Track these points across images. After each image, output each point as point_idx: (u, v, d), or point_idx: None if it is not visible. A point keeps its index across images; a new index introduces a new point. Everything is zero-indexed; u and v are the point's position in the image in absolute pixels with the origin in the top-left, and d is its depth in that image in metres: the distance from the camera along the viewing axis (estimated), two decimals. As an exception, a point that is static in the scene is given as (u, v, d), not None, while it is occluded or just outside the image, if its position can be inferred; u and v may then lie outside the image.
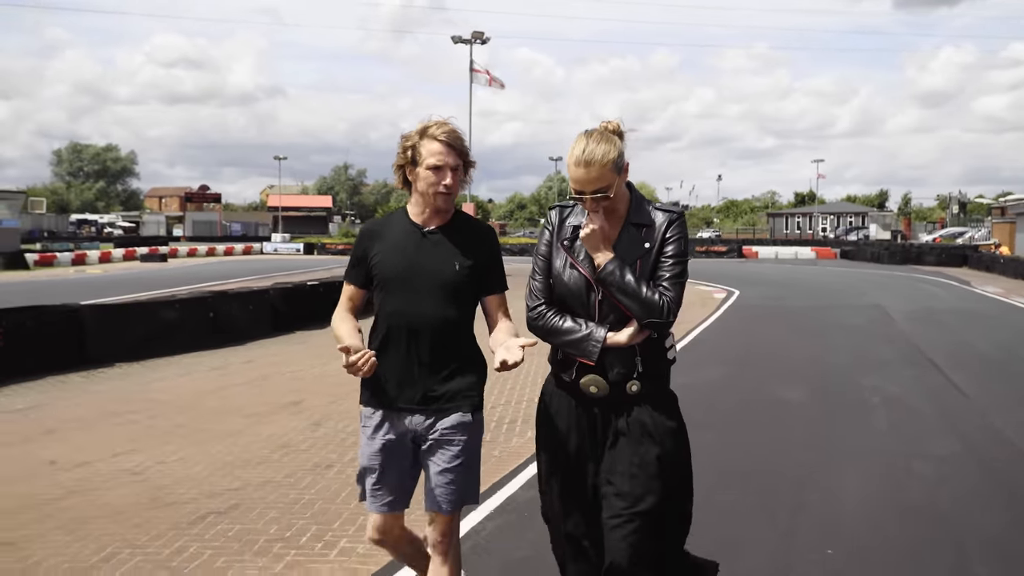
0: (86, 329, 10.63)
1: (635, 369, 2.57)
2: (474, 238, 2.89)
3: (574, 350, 2.58)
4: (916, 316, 16.14)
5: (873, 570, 4.09)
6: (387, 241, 2.87)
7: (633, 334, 2.55)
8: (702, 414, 7.04)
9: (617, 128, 2.61)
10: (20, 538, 4.53)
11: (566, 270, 2.64)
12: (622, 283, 2.52)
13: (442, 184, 2.76)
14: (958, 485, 5.49)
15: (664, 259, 2.59)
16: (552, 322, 2.63)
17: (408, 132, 2.84)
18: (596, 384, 2.59)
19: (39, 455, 6.34)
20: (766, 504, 5.08)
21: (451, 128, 2.81)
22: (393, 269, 2.83)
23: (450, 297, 2.81)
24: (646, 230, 2.61)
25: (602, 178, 2.51)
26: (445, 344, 2.81)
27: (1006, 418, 7.39)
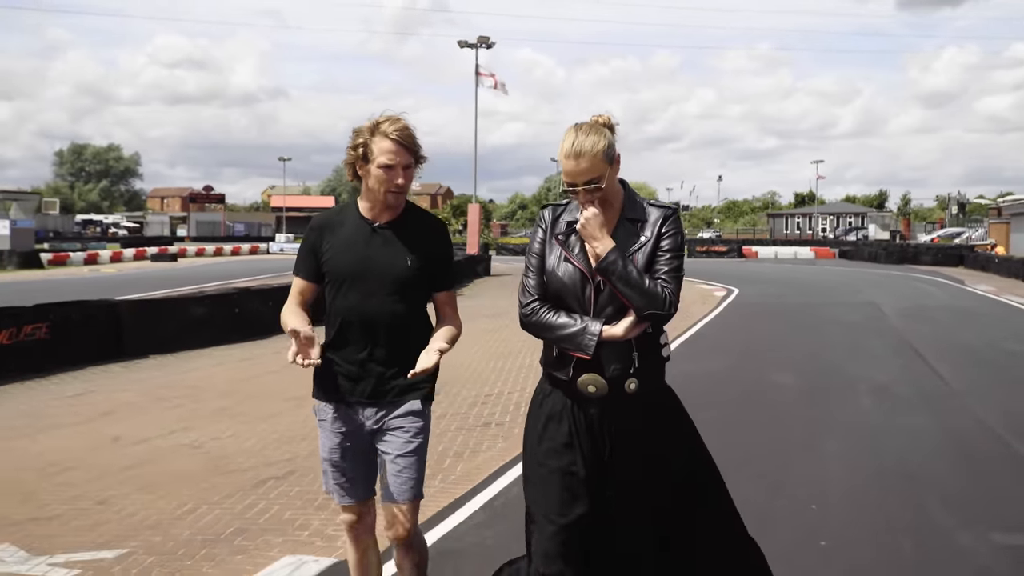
0: (123, 323, 11.31)
1: (632, 365, 2.55)
2: (426, 233, 2.91)
3: (569, 345, 2.54)
4: (908, 313, 16.80)
5: (847, 519, 4.76)
6: (338, 236, 2.87)
7: (630, 327, 2.52)
8: (705, 398, 7.72)
9: (608, 121, 2.61)
10: (111, 497, 5.22)
11: (560, 264, 2.62)
12: (624, 272, 2.49)
13: (394, 183, 2.77)
14: (927, 452, 6.17)
15: (661, 253, 2.59)
16: (546, 318, 2.60)
17: (359, 127, 2.82)
18: (595, 383, 2.55)
19: (103, 432, 7.02)
20: (758, 466, 5.76)
21: (403, 125, 2.79)
22: (344, 265, 2.83)
23: (401, 292, 2.82)
24: (641, 224, 2.62)
25: (593, 168, 2.52)
26: (397, 339, 2.82)
27: (979, 400, 8.07)
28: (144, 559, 4.19)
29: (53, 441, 6.73)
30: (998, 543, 4.39)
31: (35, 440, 6.80)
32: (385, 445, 2.84)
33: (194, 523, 4.72)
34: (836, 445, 6.42)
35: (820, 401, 8.10)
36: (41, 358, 9.97)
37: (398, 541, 2.87)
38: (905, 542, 4.43)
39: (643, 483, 2.56)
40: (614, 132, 2.60)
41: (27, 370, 9.69)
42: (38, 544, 4.40)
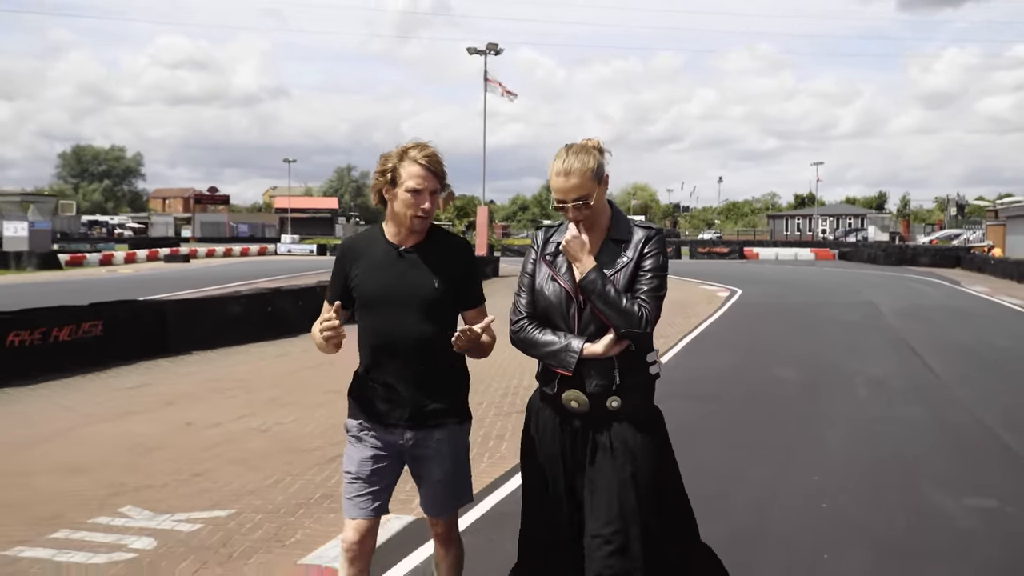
0: (168, 321, 12.08)
1: (613, 382, 2.64)
2: (451, 254, 2.97)
3: (553, 361, 2.67)
4: (905, 312, 17.57)
5: (845, 493, 5.53)
6: (366, 261, 2.93)
7: (609, 344, 2.62)
8: (713, 390, 8.50)
9: (597, 144, 2.72)
10: (204, 471, 5.99)
11: (548, 284, 2.74)
12: (603, 291, 2.60)
13: (420, 208, 2.83)
14: (917, 440, 6.93)
15: (642, 272, 2.68)
16: (532, 335, 2.73)
17: (388, 153, 2.89)
18: (576, 399, 2.67)
19: (174, 419, 7.78)
20: (764, 450, 6.53)
21: (432, 152, 2.85)
22: (373, 290, 2.89)
23: (431, 314, 2.87)
24: (625, 245, 2.72)
25: (582, 187, 2.63)
26: (429, 360, 2.88)
27: (968, 392, 8.85)
28: (253, 516, 4.97)
29: (131, 426, 7.50)
30: (972, 507, 5.17)
31: (115, 424, 7.56)
32: (425, 468, 2.96)
33: (284, 490, 5.49)
34: (836, 432, 7.19)
35: (822, 394, 8.88)
36: (96, 353, 10.73)
37: (440, 541, 3.11)
38: (893, 501, 5.21)
39: (615, 499, 2.63)
40: (603, 155, 2.72)
41: (85, 364, 10.44)
42: (157, 506, 5.18)
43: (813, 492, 5.47)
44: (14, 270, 32.59)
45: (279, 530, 4.75)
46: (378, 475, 2.93)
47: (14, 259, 33.58)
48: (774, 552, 4.45)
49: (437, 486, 2.95)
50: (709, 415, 7.70)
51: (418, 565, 4.24)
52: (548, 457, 2.75)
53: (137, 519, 4.96)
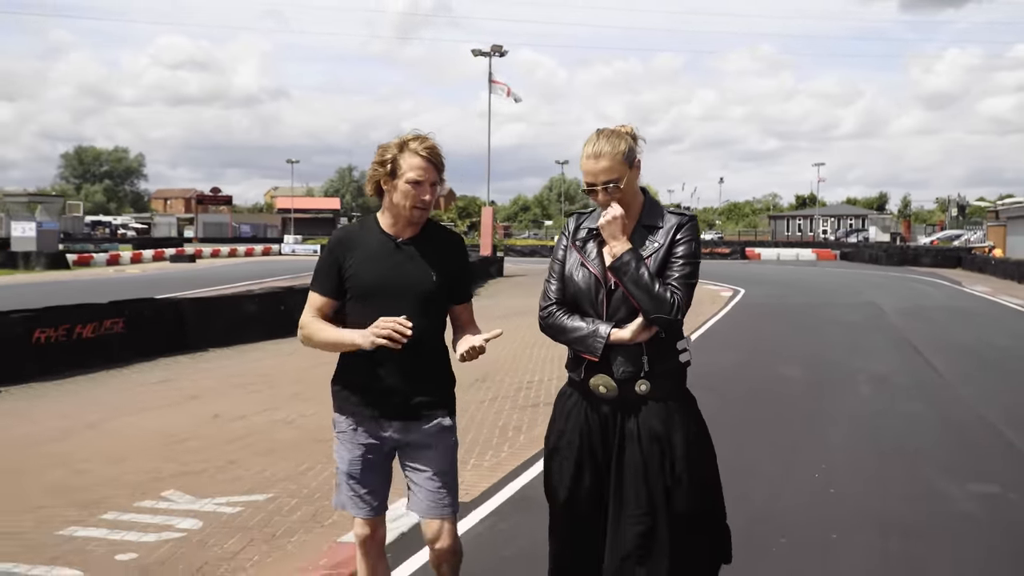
0: (186, 318, 12.35)
1: (642, 368, 2.62)
2: (446, 248, 2.96)
3: (580, 347, 2.66)
4: (907, 312, 17.82)
5: (850, 480, 5.79)
6: (361, 252, 2.89)
7: (637, 330, 2.60)
8: (719, 387, 8.76)
9: (631, 131, 2.72)
10: (237, 459, 6.26)
11: (577, 269, 2.72)
12: (636, 274, 2.58)
13: (420, 199, 2.81)
14: (920, 433, 7.19)
15: (674, 259, 2.66)
16: (561, 321, 2.71)
17: (387, 143, 2.87)
18: (604, 384, 2.65)
19: (201, 412, 8.05)
20: (771, 441, 6.79)
21: (432, 144, 2.85)
22: (369, 281, 2.86)
23: (426, 308, 2.86)
24: (658, 231, 2.69)
25: (612, 169, 2.62)
26: (422, 354, 2.85)
27: (970, 390, 9.10)
28: (289, 500, 5.24)
29: (162, 418, 7.77)
30: (974, 493, 5.43)
31: (145, 417, 7.83)
32: (420, 463, 2.90)
33: (316, 477, 5.76)
34: (840, 425, 7.46)
35: (826, 390, 9.14)
36: (118, 349, 11.01)
37: (438, 553, 2.93)
38: (897, 488, 5.47)
39: (643, 484, 2.62)
40: (636, 141, 2.72)
41: (107, 360, 10.72)
42: (197, 491, 5.44)
43: (820, 480, 5.74)
44: (23, 270, 32.88)
45: (316, 512, 5.02)
46: (369, 472, 2.92)
47: (22, 259, 33.89)
48: (786, 532, 4.71)
49: (427, 483, 2.89)
50: (717, 410, 7.90)
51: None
52: (575, 443, 2.71)
53: (179, 502, 5.22)
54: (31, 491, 5.50)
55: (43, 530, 4.75)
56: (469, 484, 5.57)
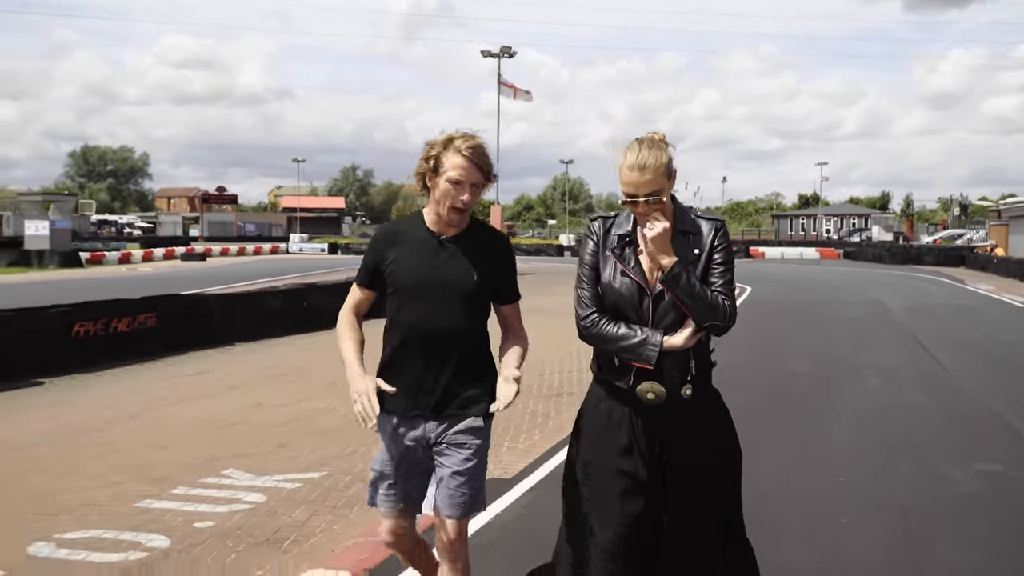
0: (214, 313, 12.77)
1: (689, 372, 2.68)
2: (490, 247, 2.95)
3: (631, 355, 2.64)
4: (911, 309, 18.21)
5: (859, 467, 6.19)
6: (404, 248, 2.89)
7: (690, 336, 2.64)
8: (729, 381, 9.15)
9: (663, 138, 2.73)
10: (287, 442, 6.67)
11: (617, 277, 2.72)
12: (689, 285, 2.60)
13: (459, 199, 2.79)
14: (927, 423, 7.59)
15: (714, 266, 2.69)
16: (606, 329, 2.69)
17: (434, 140, 2.86)
18: (653, 390, 2.66)
19: (242, 401, 8.46)
20: (782, 432, 7.19)
21: (477, 143, 2.82)
22: (411, 278, 2.86)
23: (468, 307, 2.86)
24: (693, 237, 2.72)
25: (655, 181, 2.62)
26: (461, 353, 2.87)
27: (972, 381, 9.50)
28: (342, 478, 5.65)
29: (206, 407, 8.18)
30: (978, 476, 5.83)
31: (189, 405, 8.24)
32: (443, 459, 2.89)
33: (363, 457, 6.16)
34: (848, 417, 7.85)
35: (833, 384, 9.53)
36: (151, 343, 11.43)
37: (444, 554, 2.93)
38: (905, 474, 5.88)
39: (697, 488, 2.69)
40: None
41: (141, 354, 11.12)
42: (255, 469, 5.86)
43: (830, 468, 6.12)
44: (36, 268, 33.34)
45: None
46: (405, 472, 2.92)
47: (36, 257, 34.35)
48: (799, 515, 5.10)
49: (452, 477, 2.86)
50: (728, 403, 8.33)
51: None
52: (620, 452, 2.70)
53: (241, 480, 5.64)
54: (99, 471, 5.91)
55: (120, 503, 5.16)
56: (507, 464, 5.99)
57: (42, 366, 9.77)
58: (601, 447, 2.74)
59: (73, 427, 7.37)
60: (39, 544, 4.46)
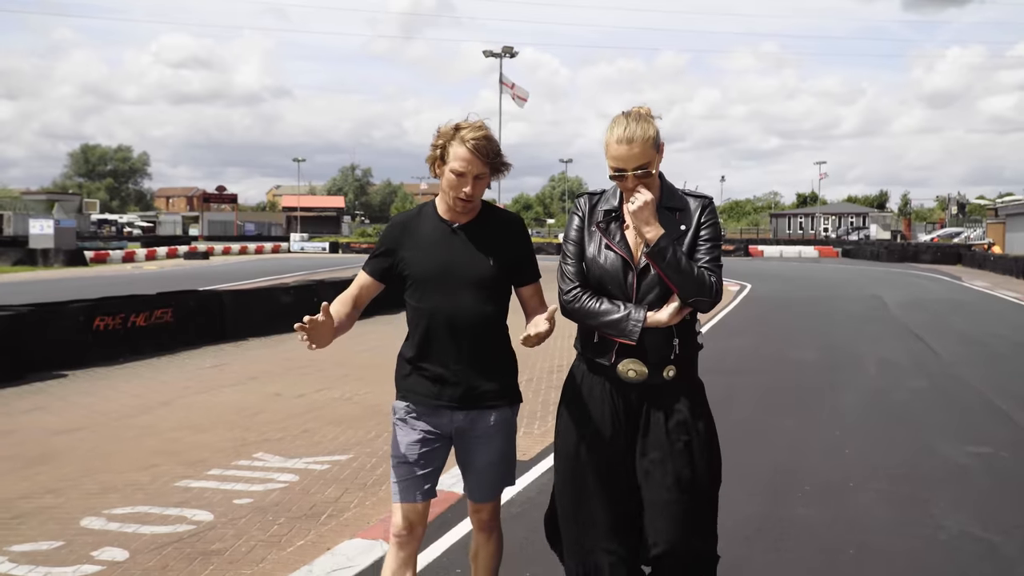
0: (226, 309, 13.06)
1: (673, 351, 2.62)
2: (504, 230, 2.91)
3: (613, 331, 2.60)
4: (908, 304, 18.53)
5: (862, 442, 6.50)
6: (417, 238, 2.87)
7: (674, 312, 2.58)
8: (739, 367, 9.47)
9: (649, 112, 2.70)
10: (309, 429, 6.97)
11: (602, 252, 2.67)
12: (675, 259, 2.55)
13: (462, 191, 2.76)
14: (923, 404, 7.90)
15: (701, 243, 2.65)
16: (588, 304, 2.65)
17: (443, 127, 2.82)
18: (635, 369, 2.62)
19: (262, 391, 8.75)
20: (790, 411, 7.50)
21: (483, 134, 2.76)
22: (427, 268, 2.83)
23: (486, 293, 2.83)
24: (680, 214, 2.67)
25: (644, 155, 2.58)
26: (483, 340, 2.84)
27: (966, 369, 9.82)
28: (369, 460, 5.95)
29: (228, 396, 8.47)
30: (970, 451, 6.14)
31: (212, 395, 8.54)
32: (474, 453, 2.90)
33: (386, 442, 6.44)
34: (850, 398, 8.18)
35: (836, 370, 9.86)
36: (167, 338, 11.72)
37: (482, 528, 3.02)
38: (904, 449, 6.19)
39: (669, 468, 2.63)
40: None
41: (159, 347, 11.41)
42: (284, 452, 6.16)
43: (836, 442, 6.45)
44: (42, 267, 33.61)
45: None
46: (426, 458, 2.88)
47: (41, 256, 34.61)
48: (809, 480, 5.43)
49: (487, 470, 2.90)
50: (738, 386, 8.66)
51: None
52: (600, 429, 2.68)
53: (272, 462, 5.94)
54: (137, 454, 6.20)
55: (160, 483, 5.46)
56: (524, 448, 6.28)
57: (64, 359, 10.05)
58: (582, 424, 2.72)
59: (106, 414, 7.66)
60: (90, 518, 4.76)
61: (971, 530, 4.57)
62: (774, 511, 4.86)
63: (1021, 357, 11.08)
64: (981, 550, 4.30)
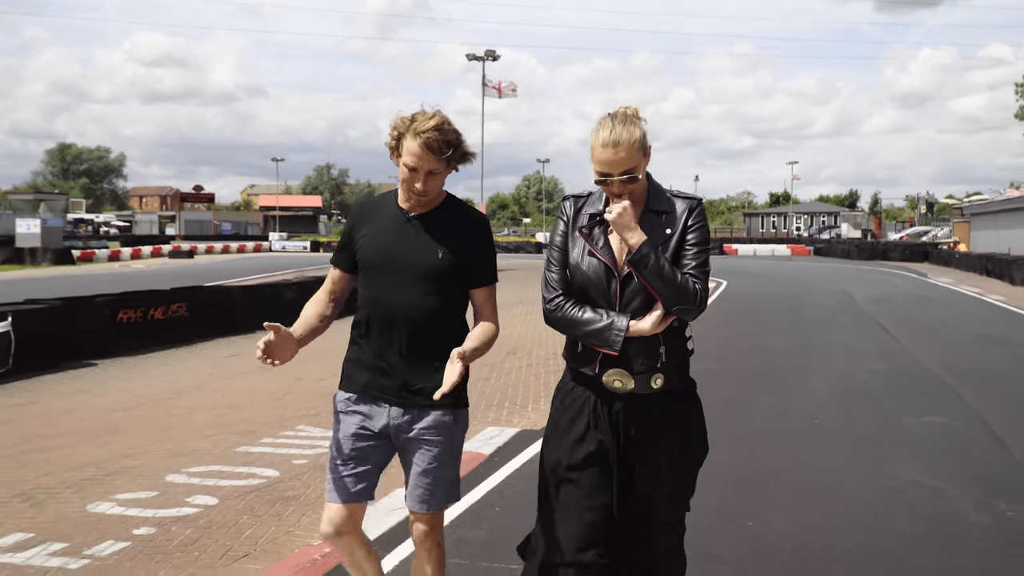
0: (235, 303, 13.80)
1: (659, 360, 2.53)
2: (464, 226, 2.80)
3: (596, 340, 2.51)
4: (875, 298, 19.59)
5: (829, 413, 7.42)
6: (373, 224, 2.81)
7: (657, 321, 2.49)
8: (717, 352, 10.38)
9: (636, 113, 2.58)
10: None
11: (585, 258, 2.59)
12: (657, 266, 2.45)
13: (414, 185, 2.69)
14: (884, 384, 8.85)
15: (688, 247, 2.55)
16: (571, 313, 2.57)
17: (402, 116, 2.71)
18: (621, 379, 2.54)
19: (284, 376, 9.46)
20: (766, 389, 8.42)
21: (435, 126, 2.64)
22: (374, 254, 2.76)
23: (431, 286, 2.72)
24: (666, 217, 2.57)
25: (630, 159, 2.49)
26: (424, 336, 2.71)
27: (924, 354, 10.81)
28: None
29: (253, 381, 9.24)
30: (924, 421, 7.09)
31: (239, 380, 9.31)
32: (411, 456, 2.78)
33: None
34: (820, 377, 9.13)
35: (805, 356, 10.81)
36: (183, 330, 12.45)
37: (420, 546, 2.86)
38: (866, 419, 7.13)
39: (658, 479, 2.58)
40: None
41: (175, 339, 12.14)
42: (324, 425, 6.95)
43: (807, 412, 7.38)
44: (29, 265, 33.96)
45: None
46: (363, 455, 2.77)
47: (29, 255, 34.95)
48: (784, 442, 6.34)
49: (422, 476, 2.76)
50: (720, 370, 9.57)
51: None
52: (586, 441, 2.59)
53: (315, 433, 6.74)
54: (192, 427, 6.98)
55: (222, 449, 6.25)
56: (535, 420, 7.14)
57: (91, 349, 10.76)
58: (565, 434, 2.63)
59: (149, 396, 8.41)
60: (173, 475, 5.55)
61: (920, 479, 5.49)
62: (753, 463, 5.77)
63: (973, 343, 12.10)
64: (927, 492, 5.22)
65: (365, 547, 2.91)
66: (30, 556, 4.16)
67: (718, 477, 5.09)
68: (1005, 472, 5.67)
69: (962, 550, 4.29)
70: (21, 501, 5.03)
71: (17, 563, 4.07)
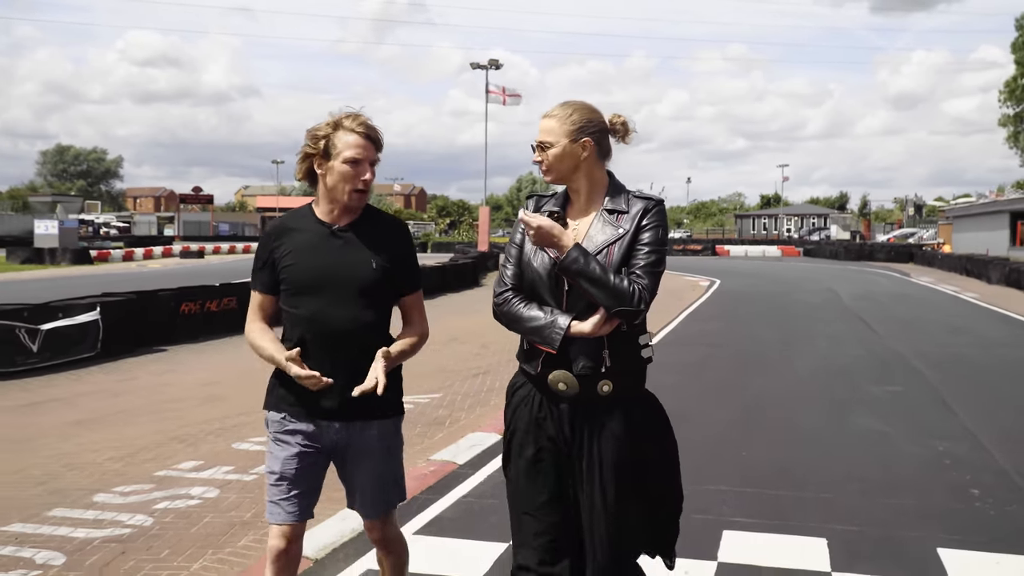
0: (277, 298, 15.19)
1: (603, 363, 2.48)
2: (388, 235, 2.81)
3: (536, 338, 2.50)
4: (859, 296, 21.10)
5: (811, 386, 8.88)
6: (295, 242, 2.75)
7: (598, 323, 2.45)
8: (712, 341, 11.84)
9: (616, 120, 2.63)
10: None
11: (537, 255, 2.57)
12: (586, 269, 2.42)
13: (360, 180, 2.67)
14: (860, 366, 10.33)
15: (639, 247, 2.51)
16: (516, 309, 2.56)
17: (317, 125, 2.71)
18: (565, 381, 2.50)
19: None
20: (757, 370, 9.88)
21: (367, 120, 2.70)
22: (305, 273, 2.71)
23: (367, 299, 2.71)
24: (621, 216, 2.54)
25: (551, 132, 2.52)
26: (363, 350, 2.68)
27: (896, 342, 12.31)
28: (455, 397, 8.20)
29: (313, 363, 10.64)
30: (885, 390, 8.57)
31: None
32: (358, 469, 2.80)
33: (456, 392, 8.67)
34: (804, 360, 10.61)
35: (791, 343, 12.29)
36: (234, 322, 13.81)
37: (379, 544, 2.95)
38: (840, 388, 8.61)
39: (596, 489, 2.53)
40: (617, 132, 2.63)
41: (228, 329, 13.49)
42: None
43: (790, 389, 8.84)
44: (50, 265, 35.21)
45: (476, 402, 7.99)
46: (304, 475, 2.76)
47: (48, 255, 36.19)
48: (773, 409, 7.80)
49: (369, 485, 2.81)
50: (714, 355, 11.04)
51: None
52: (531, 440, 2.60)
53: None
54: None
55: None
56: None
57: (159, 338, 12.15)
58: (519, 434, 2.64)
59: (230, 370, 9.79)
60: (239, 443, 6.72)
61: (874, 426, 6.98)
62: (745, 422, 7.22)
63: (942, 333, 13.62)
64: (876, 436, 6.70)
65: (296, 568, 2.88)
66: (212, 473, 5.58)
67: (719, 420, 6.55)
68: (944, 424, 7.15)
69: (901, 470, 5.77)
70: (179, 442, 6.45)
71: (205, 477, 5.50)
